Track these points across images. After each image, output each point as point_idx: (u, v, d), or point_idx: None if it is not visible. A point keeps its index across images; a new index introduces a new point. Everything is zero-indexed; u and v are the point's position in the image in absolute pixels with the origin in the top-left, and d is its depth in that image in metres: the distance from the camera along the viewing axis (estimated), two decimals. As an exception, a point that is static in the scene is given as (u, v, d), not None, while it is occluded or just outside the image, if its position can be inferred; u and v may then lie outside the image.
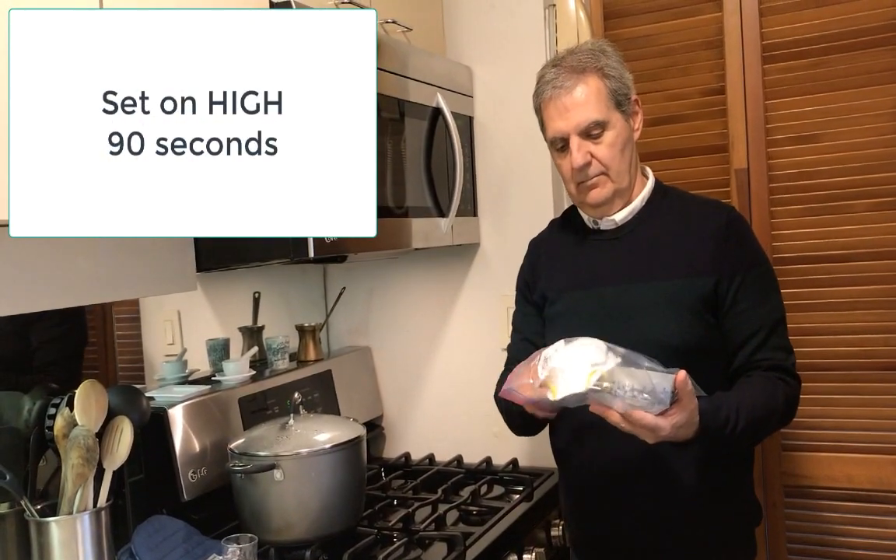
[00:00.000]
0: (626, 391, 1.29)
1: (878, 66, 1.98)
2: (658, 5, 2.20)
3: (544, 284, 1.70)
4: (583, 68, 1.56)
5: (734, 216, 1.62)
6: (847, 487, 2.06)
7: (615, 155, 1.56)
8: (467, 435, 2.29)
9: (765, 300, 1.55)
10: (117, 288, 1.61)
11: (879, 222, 2.00)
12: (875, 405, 2.03)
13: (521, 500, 1.93)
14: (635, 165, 1.63)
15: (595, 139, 1.56)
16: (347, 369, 2.27)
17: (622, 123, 1.57)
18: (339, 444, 1.66)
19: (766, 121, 2.09)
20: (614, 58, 1.59)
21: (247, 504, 1.65)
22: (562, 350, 1.34)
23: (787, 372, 1.54)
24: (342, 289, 2.36)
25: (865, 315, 2.02)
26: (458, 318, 2.32)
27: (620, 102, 1.56)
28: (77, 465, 1.39)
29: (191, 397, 1.75)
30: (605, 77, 1.56)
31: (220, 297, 2.11)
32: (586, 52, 1.58)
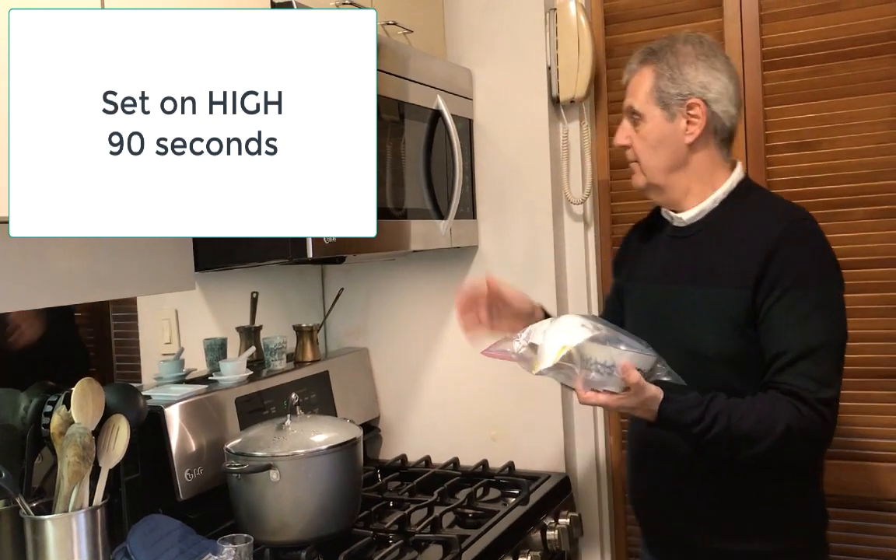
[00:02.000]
0: (590, 365, 1.40)
1: (877, 74, 1.98)
2: (659, 11, 2.20)
3: (626, 270, 1.79)
4: (645, 58, 1.63)
5: (793, 229, 1.52)
6: (843, 494, 2.06)
7: (645, 148, 1.62)
8: (464, 437, 2.29)
9: (802, 322, 1.47)
10: (115, 286, 1.61)
11: (878, 230, 2.00)
12: (874, 412, 2.03)
13: (518, 503, 1.93)
14: (683, 168, 1.60)
15: (636, 124, 1.63)
16: (345, 370, 2.27)
17: (662, 121, 1.59)
18: (335, 446, 1.66)
19: (766, 127, 2.09)
20: (686, 56, 1.58)
21: (243, 504, 1.65)
22: (543, 328, 1.47)
23: (805, 402, 1.44)
24: (340, 290, 2.35)
25: (864, 322, 2.01)
26: (455, 320, 2.31)
27: (666, 102, 1.58)
28: (73, 462, 1.39)
29: (187, 396, 1.75)
30: (658, 73, 1.59)
31: (217, 296, 2.11)
32: (662, 44, 1.63)
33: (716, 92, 1.57)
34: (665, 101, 1.58)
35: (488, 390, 2.28)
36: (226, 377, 1.92)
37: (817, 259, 1.52)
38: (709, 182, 1.61)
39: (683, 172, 1.61)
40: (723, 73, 1.58)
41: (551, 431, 2.20)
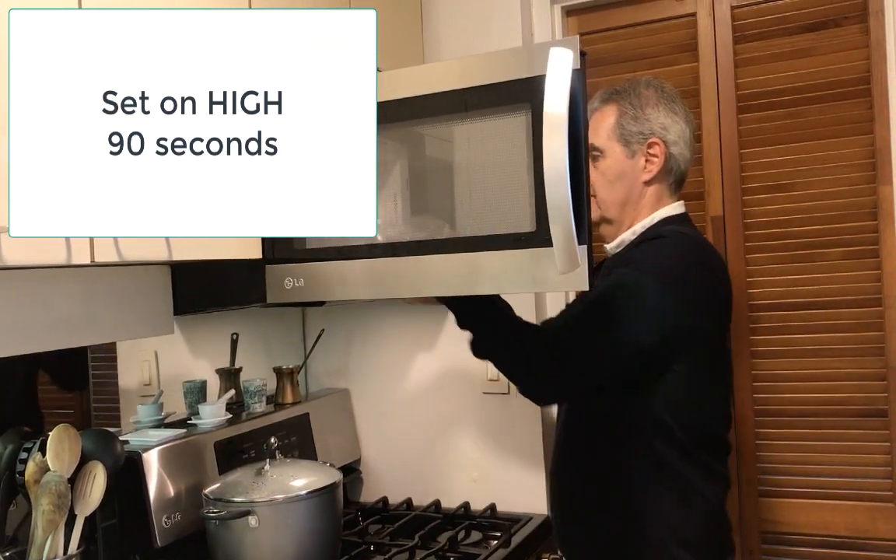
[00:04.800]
0: None
1: (849, 117, 2.02)
2: (636, 54, 2.24)
3: None
4: (609, 97, 1.71)
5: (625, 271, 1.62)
6: (824, 534, 2.07)
7: (603, 184, 1.69)
8: (445, 480, 2.28)
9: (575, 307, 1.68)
10: (94, 331, 1.60)
11: (851, 271, 2.03)
12: (850, 452, 2.04)
13: (499, 545, 1.92)
14: (634, 203, 1.69)
15: (594, 160, 1.69)
16: (325, 412, 2.26)
17: (622, 158, 1.67)
18: (314, 491, 1.65)
19: (742, 169, 2.12)
20: (648, 98, 1.67)
21: (221, 551, 1.63)
22: None
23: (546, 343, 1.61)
24: (321, 331, 2.35)
25: (839, 362, 2.04)
26: (437, 361, 2.32)
27: (628, 140, 1.66)
28: (48, 511, 1.37)
29: (166, 441, 1.73)
30: (621, 111, 1.67)
31: (198, 337, 2.10)
32: (625, 86, 1.71)
33: (675, 134, 1.67)
34: (626, 139, 1.67)
35: (470, 432, 2.28)
36: (205, 421, 1.90)
37: (612, 286, 1.60)
38: (647, 217, 1.70)
39: (633, 207, 1.70)
40: (681, 118, 1.68)
41: (533, 473, 2.20)
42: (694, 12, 2.17)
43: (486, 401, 2.25)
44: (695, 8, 2.17)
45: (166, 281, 1.78)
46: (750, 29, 2.11)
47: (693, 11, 2.17)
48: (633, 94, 1.68)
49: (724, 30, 2.13)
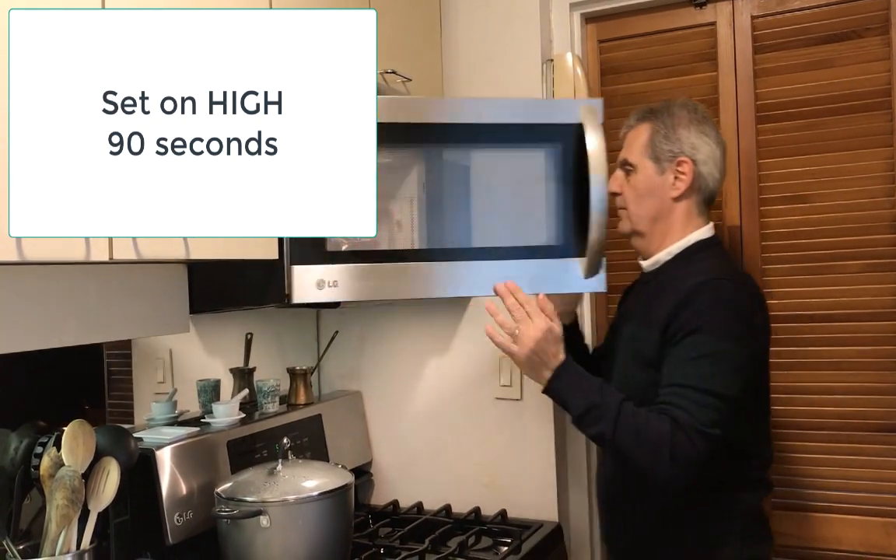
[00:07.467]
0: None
1: (870, 129, 2.01)
2: (655, 63, 2.23)
3: (619, 308, 1.96)
4: (643, 116, 1.77)
5: (704, 283, 1.61)
6: (837, 549, 2.05)
7: (634, 197, 1.76)
8: (456, 484, 2.28)
9: (692, 362, 1.56)
10: (110, 328, 1.61)
11: (870, 284, 2.01)
12: (866, 466, 2.02)
13: (509, 552, 1.91)
14: (664, 219, 1.73)
15: (627, 175, 1.77)
16: (338, 414, 2.26)
17: (652, 174, 1.73)
18: (326, 492, 1.65)
19: (760, 179, 2.11)
20: (680, 119, 1.72)
21: (232, 550, 1.63)
22: None
23: (680, 426, 1.51)
24: (335, 333, 2.36)
25: (856, 375, 2.02)
26: (450, 365, 2.32)
27: (658, 157, 1.72)
28: (62, 505, 1.38)
29: (179, 439, 1.74)
30: (654, 129, 1.73)
31: (212, 336, 2.11)
32: (660, 105, 1.77)
33: (704, 155, 1.71)
34: (657, 156, 1.72)
35: (482, 437, 2.27)
36: (218, 420, 1.91)
37: (719, 312, 1.59)
38: (681, 236, 1.73)
39: (664, 223, 1.74)
40: (711, 139, 1.73)
41: (544, 479, 2.19)
42: (714, 21, 2.16)
43: (498, 406, 2.25)
44: (715, 17, 2.16)
45: (183, 279, 1.78)
46: (770, 39, 2.10)
47: (713, 20, 2.16)
48: (666, 113, 1.74)
49: (744, 39, 2.12)
